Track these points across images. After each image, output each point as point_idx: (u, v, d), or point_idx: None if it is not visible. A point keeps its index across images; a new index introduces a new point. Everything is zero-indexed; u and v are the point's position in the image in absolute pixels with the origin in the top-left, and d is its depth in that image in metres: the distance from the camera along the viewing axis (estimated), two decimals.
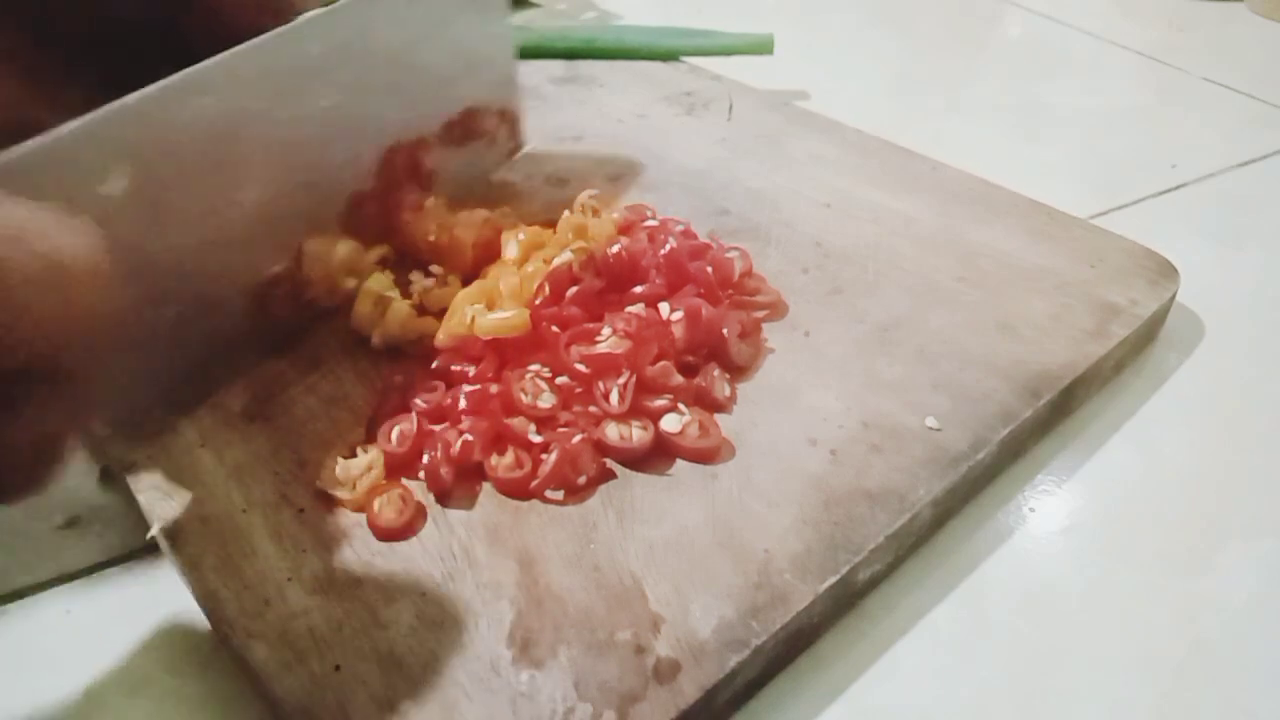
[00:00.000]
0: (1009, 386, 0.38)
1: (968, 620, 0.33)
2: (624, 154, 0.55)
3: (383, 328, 0.40)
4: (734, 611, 0.30)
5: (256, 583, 0.31)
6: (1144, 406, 0.42)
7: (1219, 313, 0.47)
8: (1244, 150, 0.61)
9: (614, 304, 0.40)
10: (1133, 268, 0.45)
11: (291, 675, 0.28)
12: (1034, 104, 0.68)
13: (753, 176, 0.52)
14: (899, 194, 0.51)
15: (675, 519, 0.33)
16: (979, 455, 0.35)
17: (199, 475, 0.35)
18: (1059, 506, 0.37)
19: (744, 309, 0.41)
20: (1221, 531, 0.37)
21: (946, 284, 0.44)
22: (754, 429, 0.37)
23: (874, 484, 0.34)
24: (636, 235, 0.43)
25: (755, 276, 0.44)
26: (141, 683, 0.31)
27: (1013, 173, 0.52)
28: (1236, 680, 0.32)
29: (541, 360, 0.38)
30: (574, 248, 0.41)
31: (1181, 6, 0.84)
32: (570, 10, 0.80)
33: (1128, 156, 0.61)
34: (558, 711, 0.28)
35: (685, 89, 0.62)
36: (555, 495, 0.34)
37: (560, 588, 0.31)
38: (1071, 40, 0.79)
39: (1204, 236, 0.53)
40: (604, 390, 0.36)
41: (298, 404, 0.38)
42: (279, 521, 0.33)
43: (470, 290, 0.41)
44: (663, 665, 0.29)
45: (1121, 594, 0.34)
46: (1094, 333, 0.41)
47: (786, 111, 0.60)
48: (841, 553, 0.32)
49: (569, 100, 0.61)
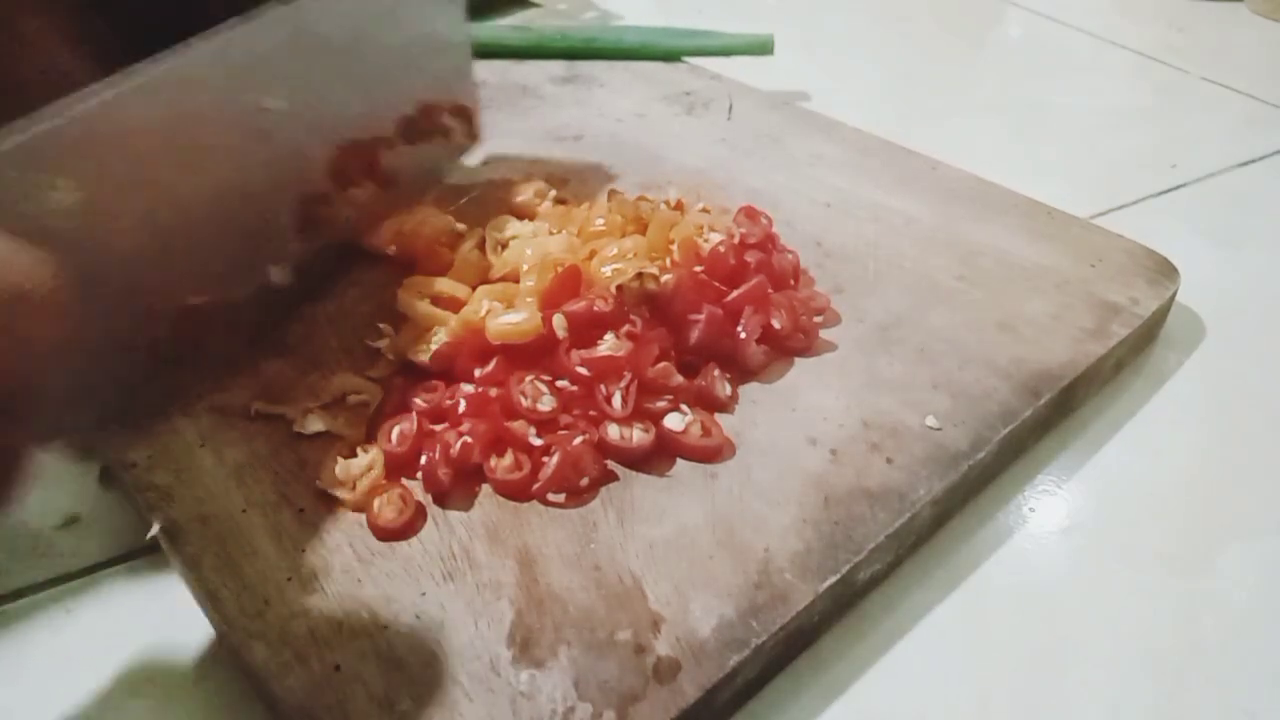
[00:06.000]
0: (1009, 385, 0.38)
1: (968, 620, 0.33)
2: (624, 154, 0.55)
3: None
4: (734, 611, 0.30)
5: (256, 583, 0.31)
6: (1144, 406, 0.42)
7: (1219, 312, 0.47)
8: (1244, 150, 0.61)
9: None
10: (1133, 267, 0.45)
11: (291, 675, 0.28)
12: (1034, 104, 0.68)
13: (753, 176, 0.52)
14: (899, 193, 0.51)
15: (675, 519, 0.33)
16: (979, 454, 0.35)
17: (199, 475, 0.35)
18: (1059, 506, 0.37)
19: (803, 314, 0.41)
20: (1221, 531, 0.37)
21: (947, 283, 0.44)
22: (754, 428, 0.37)
23: (874, 483, 0.34)
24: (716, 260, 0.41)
25: (805, 278, 0.44)
26: (142, 682, 0.31)
27: (1013, 172, 0.52)
28: (1236, 680, 0.32)
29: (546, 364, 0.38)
30: (645, 269, 0.39)
31: (1181, 6, 0.84)
32: (570, 10, 0.80)
33: (1128, 156, 0.61)
34: (558, 711, 0.28)
35: (685, 89, 0.62)
36: (556, 497, 0.34)
37: (560, 587, 0.31)
38: (1071, 40, 0.79)
39: (1204, 236, 0.53)
40: (606, 393, 0.36)
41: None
42: (279, 521, 0.33)
43: (494, 286, 0.40)
44: (663, 665, 0.29)
45: (1121, 594, 0.34)
46: (1094, 332, 0.41)
47: (786, 111, 0.60)
48: (841, 552, 0.32)
49: (569, 100, 0.61)
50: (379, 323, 0.41)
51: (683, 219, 0.44)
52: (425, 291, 0.41)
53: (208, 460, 0.35)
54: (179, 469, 0.35)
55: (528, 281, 0.39)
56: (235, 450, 0.36)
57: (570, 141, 0.56)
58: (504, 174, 0.52)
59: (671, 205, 0.46)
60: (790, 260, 0.44)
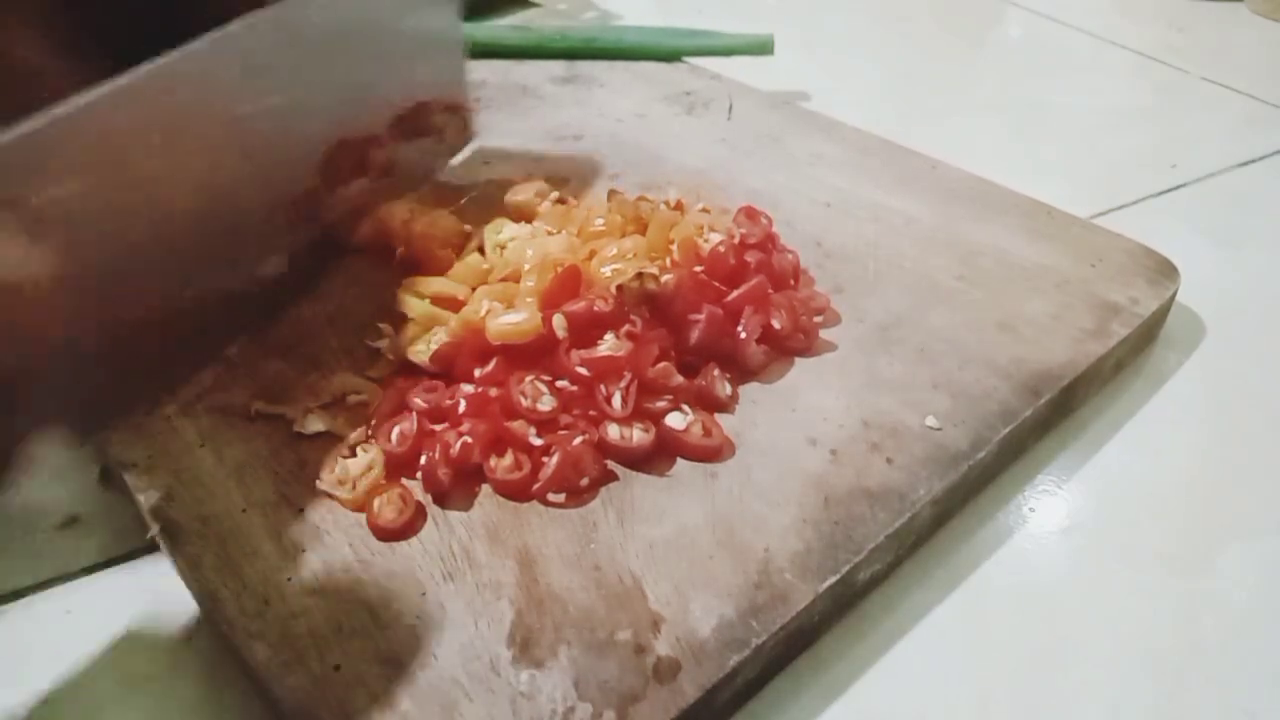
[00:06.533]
0: (1009, 385, 0.38)
1: (968, 620, 0.33)
2: (624, 154, 0.55)
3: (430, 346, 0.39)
4: (734, 611, 0.30)
5: (256, 583, 0.31)
6: (1144, 406, 0.42)
7: (1219, 313, 0.47)
8: (1244, 150, 0.61)
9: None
10: (1133, 266, 0.45)
11: (291, 675, 0.28)
12: (1034, 104, 0.68)
13: (753, 176, 0.52)
14: (899, 193, 0.51)
15: (675, 518, 0.33)
16: (979, 454, 0.35)
17: (199, 475, 0.35)
18: (1059, 506, 0.37)
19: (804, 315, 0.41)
20: (1221, 531, 0.37)
21: (947, 283, 0.44)
22: (754, 428, 0.37)
23: (874, 483, 0.34)
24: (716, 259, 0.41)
25: (805, 278, 0.44)
26: (141, 682, 0.31)
27: (1013, 173, 0.52)
28: (1236, 680, 0.32)
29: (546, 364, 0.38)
30: (645, 270, 0.39)
31: (1181, 6, 0.84)
32: (570, 10, 0.80)
33: (1128, 156, 0.61)
34: (558, 711, 0.28)
35: (685, 89, 0.62)
36: (556, 497, 0.34)
37: (560, 587, 0.31)
38: (1071, 40, 0.79)
39: (1204, 236, 0.53)
40: (606, 393, 0.36)
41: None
42: (279, 521, 0.33)
43: (494, 286, 0.40)
44: (663, 665, 0.29)
45: (1121, 594, 0.34)
46: (1094, 331, 0.41)
47: (786, 111, 0.60)
48: (841, 552, 0.32)
49: (569, 100, 0.61)
50: (379, 323, 0.41)
51: (683, 219, 0.44)
52: (425, 291, 0.41)
53: (208, 460, 0.35)
54: (179, 469, 0.35)
55: (528, 281, 0.39)
56: (235, 450, 0.36)
57: (570, 141, 0.56)
58: (504, 174, 0.52)
59: (671, 205, 0.46)
60: (790, 260, 0.44)
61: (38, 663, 0.32)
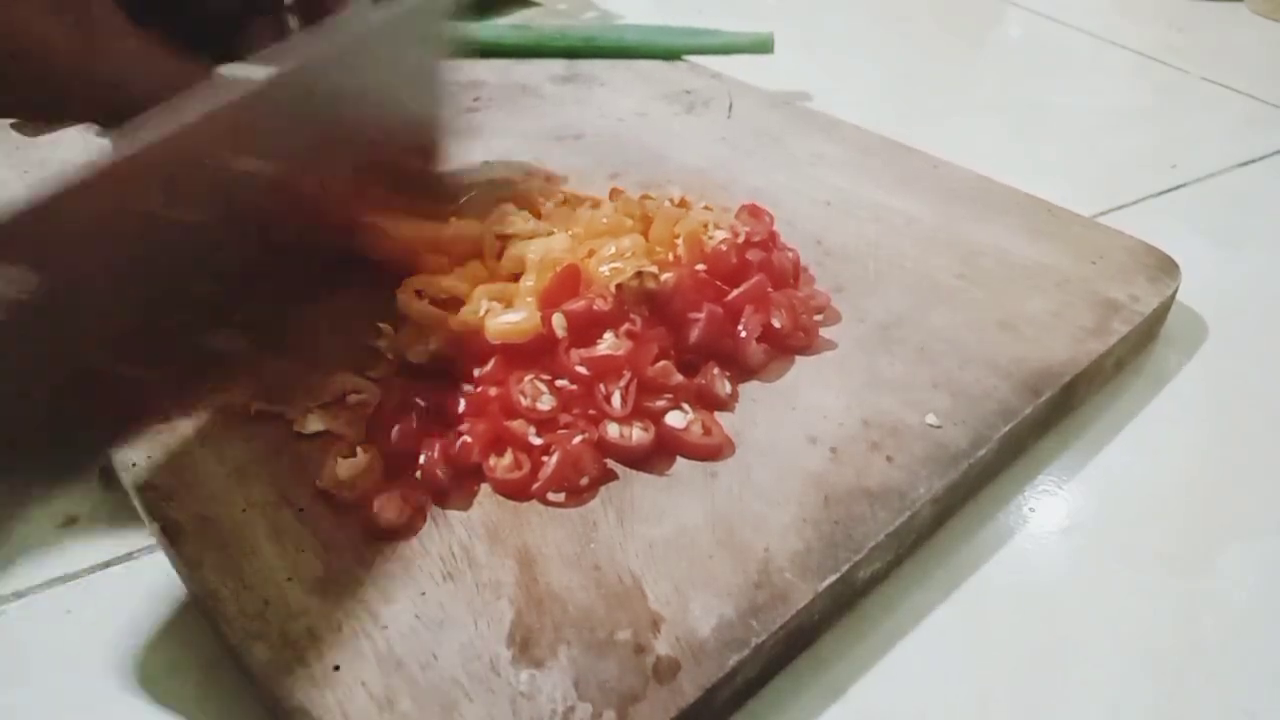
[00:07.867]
0: (1009, 384, 0.38)
1: (968, 620, 0.33)
2: (625, 153, 0.55)
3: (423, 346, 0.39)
4: (734, 610, 0.30)
5: (256, 583, 0.31)
6: (1145, 406, 0.42)
7: (1220, 312, 0.47)
8: (1244, 150, 0.61)
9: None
10: (1133, 264, 0.45)
11: (291, 675, 0.28)
12: (1034, 104, 0.68)
13: (753, 175, 0.52)
14: (900, 192, 0.51)
15: (675, 518, 0.33)
16: (979, 453, 0.35)
17: (199, 475, 0.35)
18: (1059, 506, 0.37)
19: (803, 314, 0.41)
20: (1221, 531, 0.37)
21: (947, 282, 0.44)
22: (754, 427, 0.37)
23: (874, 482, 0.34)
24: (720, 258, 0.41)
25: (806, 277, 0.44)
26: (141, 683, 0.31)
27: (1013, 173, 0.52)
28: (1236, 680, 0.32)
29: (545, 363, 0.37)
30: (644, 268, 0.39)
31: (1181, 6, 0.84)
32: (570, 10, 0.80)
33: (1128, 156, 0.61)
34: (558, 711, 0.28)
35: (685, 88, 0.62)
36: (556, 497, 0.34)
37: (560, 587, 0.31)
38: (1071, 40, 0.79)
39: (1204, 236, 0.53)
40: (605, 392, 0.36)
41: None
42: (279, 521, 0.33)
43: (493, 286, 0.40)
44: (662, 664, 0.29)
45: (1121, 594, 0.34)
46: (1095, 330, 0.41)
47: (787, 110, 0.60)
48: (841, 551, 0.32)
49: (569, 99, 0.61)
50: (379, 323, 0.41)
51: (687, 215, 0.44)
52: (425, 291, 0.41)
53: (208, 460, 0.35)
54: (179, 469, 0.35)
55: (527, 281, 0.39)
56: (235, 450, 0.36)
57: (571, 141, 0.56)
58: (504, 174, 0.52)
59: (675, 203, 0.46)
60: (791, 259, 0.44)
61: (38, 663, 0.32)
